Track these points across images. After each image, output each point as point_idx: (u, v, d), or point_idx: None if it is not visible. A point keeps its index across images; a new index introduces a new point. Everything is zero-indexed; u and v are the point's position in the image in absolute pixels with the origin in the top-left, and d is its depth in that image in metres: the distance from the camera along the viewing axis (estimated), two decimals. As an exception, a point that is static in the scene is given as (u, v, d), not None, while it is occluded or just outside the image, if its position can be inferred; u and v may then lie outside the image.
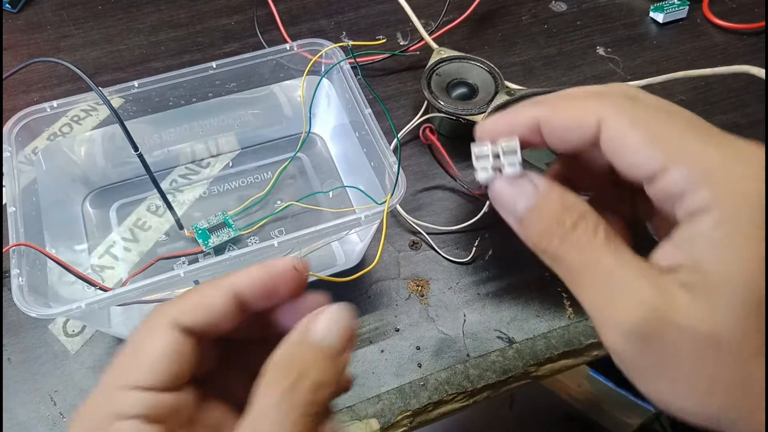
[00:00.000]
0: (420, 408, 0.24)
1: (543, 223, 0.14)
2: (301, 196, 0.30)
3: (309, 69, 0.28)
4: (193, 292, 0.15)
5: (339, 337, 0.14)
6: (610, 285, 0.13)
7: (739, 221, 0.12)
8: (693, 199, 0.12)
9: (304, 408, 0.13)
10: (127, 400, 0.13)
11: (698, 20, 0.39)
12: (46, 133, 0.27)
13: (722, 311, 0.12)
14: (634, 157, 0.13)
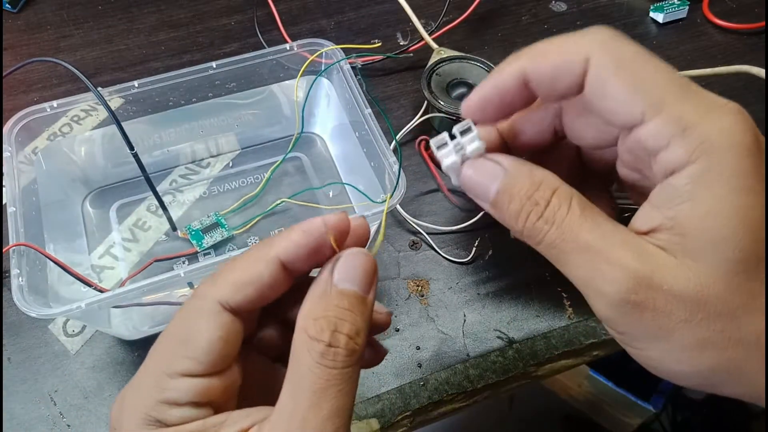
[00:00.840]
0: (420, 408, 0.24)
1: (516, 203, 0.13)
2: (308, 203, 0.30)
3: (305, 69, 0.28)
4: (237, 268, 0.14)
5: (361, 281, 0.14)
6: (592, 258, 0.13)
7: (715, 176, 0.12)
8: (669, 155, 0.12)
9: (345, 360, 0.13)
10: (178, 387, 0.13)
11: (698, 20, 0.39)
12: (46, 133, 0.27)
13: (706, 271, 0.12)
14: (614, 103, 0.12)
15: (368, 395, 0.24)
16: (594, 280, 0.13)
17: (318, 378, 0.13)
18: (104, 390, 0.24)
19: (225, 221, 0.29)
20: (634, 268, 0.12)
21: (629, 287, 0.12)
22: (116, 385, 0.25)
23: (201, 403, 0.13)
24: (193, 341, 0.14)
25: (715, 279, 0.12)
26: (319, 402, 0.13)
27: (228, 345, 0.14)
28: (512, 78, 0.14)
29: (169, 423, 0.13)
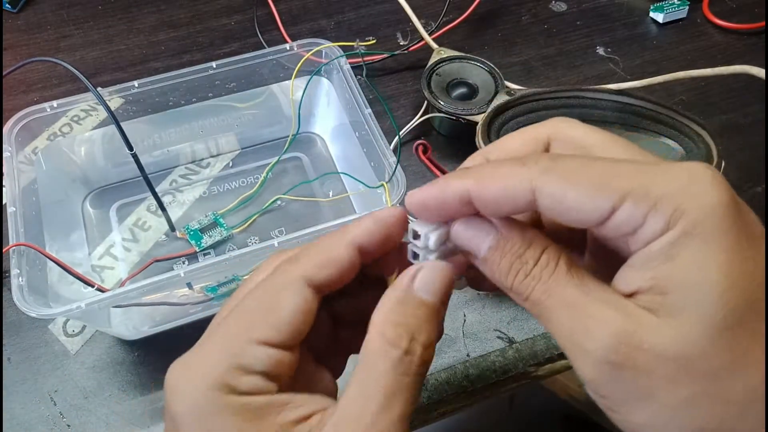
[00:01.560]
0: (420, 408, 0.24)
1: (506, 261, 0.14)
2: (301, 197, 0.30)
3: (300, 67, 0.28)
4: (319, 249, 0.15)
5: (440, 293, 0.14)
6: (576, 316, 0.13)
7: (694, 236, 0.12)
8: (646, 230, 0.12)
9: (418, 368, 0.13)
10: (255, 355, 0.13)
11: (698, 20, 0.38)
12: (46, 133, 0.27)
13: (689, 329, 0.12)
14: (578, 211, 0.13)
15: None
16: (576, 336, 0.13)
17: (392, 383, 0.13)
18: (104, 390, 0.24)
19: (223, 220, 0.29)
20: (617, 325, 0.12)
21: (612, 344, 0.12)
22: (116, 385, 0.25)
23: (271, 375, 0.14)
24: (277, 310, 0.14)
25: (699, 336, 0.12)
26: (390, 406, 0.13)
27: (305, 320, 0.14)
28: (455, 195, 0.14)
29: (239, 390, 0.13)
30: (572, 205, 0.13)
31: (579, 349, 0.13)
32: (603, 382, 0.13)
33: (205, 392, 0.13)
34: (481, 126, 0.27)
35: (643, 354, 0.12)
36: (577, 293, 0.13)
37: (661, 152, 0.27)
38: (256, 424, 0.13)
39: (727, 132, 0.33)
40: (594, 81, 0.35)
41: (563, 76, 0.35)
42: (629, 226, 0.12)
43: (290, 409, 0.13)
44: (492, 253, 0.14)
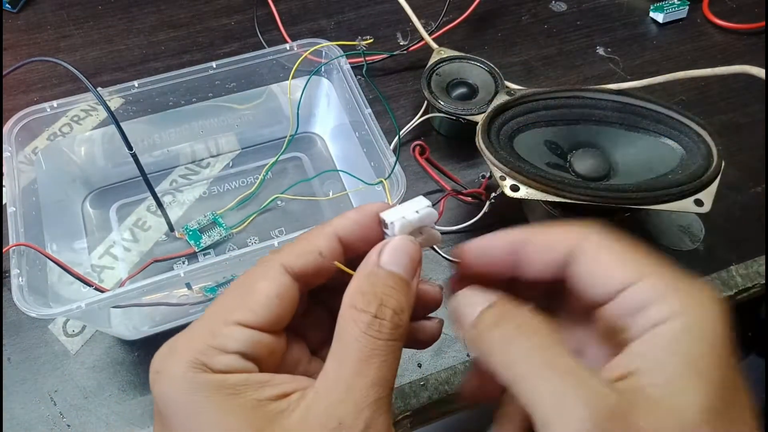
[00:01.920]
0: (420, 407, 0.24)
1: (501, 328, 0.14)
2: (301, 197, 0.30)
3: (297, 67, 0.28)
4: (301, 239, 0.16)
5: (406, 266, 0.15)
6: (568, 384, 0.13)
7: (696, 333, 0.13)
8: (658, 309, 0.13)
9: (390, 332, 0.14)
10: (230, 335, 0.14)
11: (698, 20, 0.39)
12: (46, 133, 0.27)
13: (682, 413, 0.12)
14: (605, 274, 0.14)
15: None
16: (563, 402, 0.12)
17: (364, 347, 0.13)
18: (104, 390, 0.24)
19: (222, 220, 0.29)
20: (611, 398, 0.12)
21: (601, 415, 0.12)
22: (116, 385, 0.25)
23: (248, 355, 0.14)
24: (252, 294, 0.14)
25: (689, 424, 0.12)
26: (364, 370, 0.13)
27: (284, 305, 0.15)
28: (504, 244, 0.16)
29: (215, 369, 0.13)
30: (601, 267, 0.14)
31: (567, 417, 0.12)
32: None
33: (183, 371, 0.13)
34: (481, 126, 0.27)
35: (647, 414, 0.12)
36: (570, 363, 0.13)
37: (661, 152, 0.27)
38: (233, 399, 0.13)
39: (727, 132, 0.33)
40: (594, 81, 0.35)
41: (563, 76, 0.35)
42: (641, 301, 0.14)
43: (269, 387, 0.14)
44: (487, 315, 0.14)
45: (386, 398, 0.13)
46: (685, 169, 0.25)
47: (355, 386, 0.13)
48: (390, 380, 0.14)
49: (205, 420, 0.13)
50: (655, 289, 0.14)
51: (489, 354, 0.14)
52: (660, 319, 0.13)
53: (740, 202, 0.31)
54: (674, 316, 0.13)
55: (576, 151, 0.28)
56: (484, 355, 0.14)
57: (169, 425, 0.13)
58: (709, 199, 0.24)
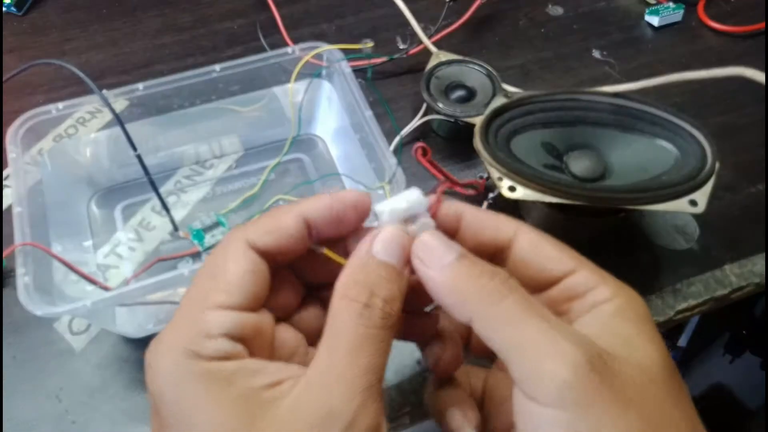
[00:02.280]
0: (419, 403, 0.25)
1: (481, 279, 0.14)
2: (301, 197, 0.30)
3: (299, 70, 0.28)
4: (266, 217, 0.16)
5: (398, 256, 0.15)
6: (557, 330, 0.13)
7: (632, 310, 0.15)
8: (597, 294, 0.15)
9: (381, 321, 0.14)
10: (212, 320, 0.14)
11: (693, 23, 0.39)
12: (51, 135, 0.27)
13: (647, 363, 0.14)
14: (549, 260, 0.16)
15: (369, 392, 0.25)
16: (556, 342, 0.13)
17: (354, 336, 0.14)
18: (109, 387, 0.25)
19: (226, 220, 0.29)
20: (593, 344, 0.14)
21: (594, 356, 0.13)
22: (121, 383, 0.25)
23: (235, 336, 0.14)
24: (223, 274, 0.14)
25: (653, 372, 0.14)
26: (355, 358, 0.13)
27: (256, 282, 0.15)
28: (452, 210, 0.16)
29: (205, 355, 0.13)
30: (545, 254, 0.16)
31: (556, 353, 0.13)
32: (577, 386, 0.13)
33: (174, 362, 0.13)
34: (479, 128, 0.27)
35: (625, 366, 0.13)
36: (552, 315, 0.14)
37: (656, 154, 0.28)
38: (225, 388, 0.13)
39: (722, 133, 0.34)
40: (590, 84, 0.36)
41: (559, 79, 0.36)
42: (584, 287, 0.15)
43: (262, 375, 0.14)
44: (460, 262, 0.15)
45: (377, 386, 0.14)
46: (680, 170, 0.26)
47: (346, 374, 0.13)
48: (381, 368, 0.14)
49: (196, 410, 0.13)
50: (592, 278, 0.15)
51: (467, 302, 0.14)
52: (599, 302, 0.15)
53: (735, 203, 0.31)
54: (610, 298, 0.15)
55: (572, 153, 0.28)
56: (456, 303, 0.14)
57: (163, 418, 0.13)
58: (704, 200, 0.25)
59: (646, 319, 0.15)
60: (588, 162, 0.28)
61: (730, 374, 0.56)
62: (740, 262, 0.29)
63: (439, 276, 0.15)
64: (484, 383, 0.18)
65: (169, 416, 0.13)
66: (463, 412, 0.16)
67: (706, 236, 0.30)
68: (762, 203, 0.31)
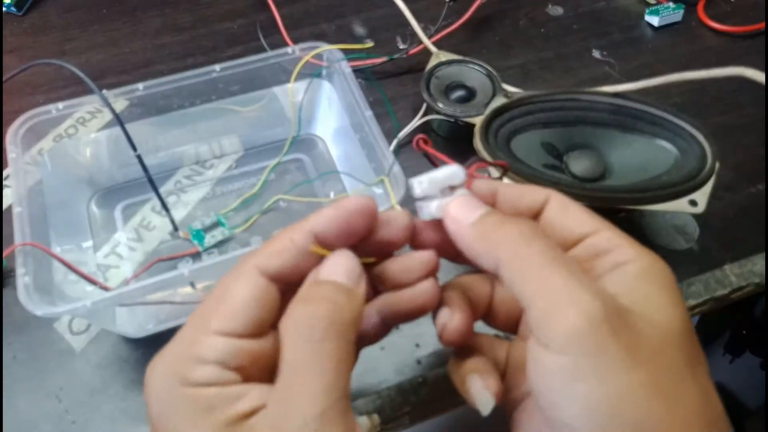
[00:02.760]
0: (419, 404, 0.25)
1: (507, 229, 0.15)
2: (303, 198, 0.30)
3: (299, 70, 0.28)
4: (276, 239, 0.16)
5: (344, 275, 0.15)
6: (579, 279, 0.14)
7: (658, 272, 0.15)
8: (620, 253, 0.15)
9: (323, 332, 0.13)
10: (209, 345, 0.14)
11: (693, 23, 0.39)
12: (51, 135, 0.27)
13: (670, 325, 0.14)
14: (575, 220, 0.16)
15: (368, 392, 0.25)
16: (577, 291, 0.13)
17: (300, 356, 0.13)
18: (109, 387, 0.25)
19: (226, 221, 0.29)
20: (612, 298, 0.14)
21: (610, 308, 0.13)
22: (121, 383, 0.25)
23: (228, 365, 0.14)
24: (229, 300, 0.14)
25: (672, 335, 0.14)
26: (303, 381, 0.13)
27: (262, 308, 0.14)
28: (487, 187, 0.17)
29: (192, 381, 0.13)
30: (572, 215, 0.16)
31: (573, 302, 0.13)
32: (592, 339, 0.13)
33: (164, 384, 0.14)
34: (479, 128, 0.27)
35: (640, 321, 0.13)
36: (576, 265, 0.14)
37: (656, 154, 0.28)
38: (205, 416, 0.13)
39: (722, 133, 0.34)
40: (590, 84, 0.36)
41: (559, 79, 0.36)
42: (606, 246, 0.15)
43: (243, 401, 0.13)
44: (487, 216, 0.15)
45: (334, 408, 0.13)
46: (680, 170, 0.26)
47: (297, 400, 0.13)
48: (337, 387, 0.13)
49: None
50: (615, 239, 0.15)
51: (493, 250, 0.15)
52: (622, 261, 0.15)
53: (735, 203, 0.31)
54: (634, 259, 0.15)
55: (572, 153, 0.28)
56: (486, 252, 0.15)
57: (154, 429, 0.14)
58: (704, 200, 0.25)
59: (671, 283, 0.15)
60: (588, 162, 0.28)
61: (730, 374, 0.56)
62: (740, 262, 0.29)
63: (468, 228, 0.15)
64: (507, 354, 0.18)
65: (158, 429, 0.14)
66: (483, 379, 0.16)
67: (706, 236, 0.30)
68: (762, 203, 0.31)
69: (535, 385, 0.14)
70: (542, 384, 0.13)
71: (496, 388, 0.16)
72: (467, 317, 0.17)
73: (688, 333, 0.14)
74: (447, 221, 0.16)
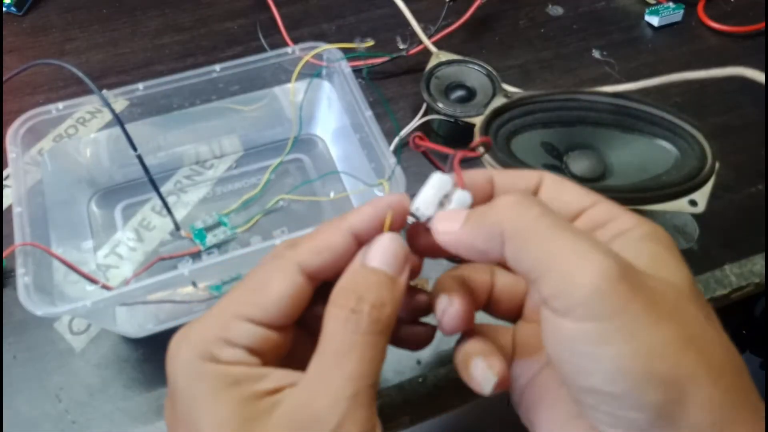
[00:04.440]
0: (419, 404, 0.25)
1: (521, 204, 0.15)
2: (304, 197, 0.30)
3: (299, 70, 0.28)
4: (316, 236, 0.16)
5: (390, 262, 0.15)
6: (591, 243, 0.13)
7: (659, 237, 0.15)
8: (619, 223, 0.15)
9: (368, 326, 0.14)
10: (239, 330, 0.14)
11: (693, 23, 0.39)
12: (51, 135, 0.27)
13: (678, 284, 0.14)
14: (572, 195, 0.16)
15: (369, 392, 0.25)
16: (588, 253, 0.13)
17: (341, 342, 0.14)
18: (109, 387, 0.25)
19: (227, 220, 0.29)
20: (625, 260, 0.14)
21: (624, 265, 0.13)
22: (121, 382, 0.25)
23: (255, 350, 0.14)
24: (265, 292, 0.15)
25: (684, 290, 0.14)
26: (342, 364, 0.14)
27: (294, 305, 0.15)
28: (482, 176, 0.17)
29: (221, 360, 0.14)
30: (568, 192, 0.16)
31: (588, 262, 0.13)
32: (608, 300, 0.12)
33: (192, 359, 0.14)
34: (479, 128, 0.27)
35: (654, 281, 0.13)
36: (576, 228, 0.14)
37: (656, 154, 0.28)
38: (230, 390, 0.14)
39: (721, 133, 0.34)
40: (590, 84, 0.36)
41: (559, 79, 0.36)
42: (605, 217, 0.15)
43: (266, 381, 0.14)
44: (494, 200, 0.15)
45: (365, 393, 0.13)
46: (680, 170, 0.26)
47: (332, 380, 0.13)
48: (370, 375, 0.14)
49: (200, 405, 0.14)
50: (611, 211, 0.15)
51: (494, 232, 0.14)
52: (625, 229, 0.15)
53: (735, 203, 0.31)
54: (636, 226, 0.15)
55: (572, 153, 0.28)
56: (488, 239, 0.15)
57: (174, 404, 0.14)
58: (704, 200, 0.25)
59: (673, 246, 0.15)
60: (588, 162, 0.28)
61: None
62: (740, 262, 0.29)
63: (461, 233, 0.15)
64: (513, 338, 0.18)
65: (180, 404, 0.14)
66: (487, 361, 0.16)
67: (706, 236, 0.30)
68: (762, 203, 0.31)
69: (556, 356, 0.14)
70: (565, 353, 0.13)
71: (500, 368, 0.16)
72: (467, 303, 0.17)
73: (697, 291, 0.14)
74: (439, 239, 0.16)
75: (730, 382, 0.13)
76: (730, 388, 0.13)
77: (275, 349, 0.15)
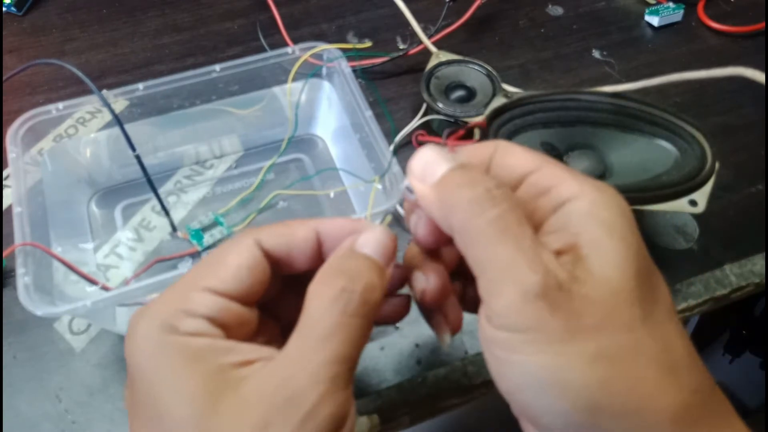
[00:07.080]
0: (419, 404, 0.25)
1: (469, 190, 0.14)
2: (301, 191, 0.30)
3: (296, 69, 0.28)
4: (281, 223, 0.16)
5: (380, 253, 0.15)
6: (523, 247, 0.13)
7: (606, 202, 0.14)
8: (563, 190, 0.15)
9: (357, 308, 0.14)
10: (199, 300, 0.14)
11: (693, 23, 0.39)
12: (51, 135, 0.27)
13: (615, 282, 0.13)
14: (517, 160, 0.16)
15: (368, 392, 0.25)
16: (516, 267, 0.13)
17: (327, 322, 0.14)
18: (109, 387, 0.25)
19: (223, 220, 0.29)
20: (557, 269, 0.13)
21: (550, 283, 0.13)
22: (121, 382, 0.25)
23: (216, 320, 0.14)
24: (224, 264, 0.15)
25: (623, 290, 0.13)
26: (326, 344, 0.13)
27: (254, 277, 0.15)
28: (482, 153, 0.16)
29: (181, 330, 0.14)
30: (513, 154, 0.16)
31: (514, 280, 0.13)
32: (528, 316, 0.13)
33: (152, 332, 0.14)
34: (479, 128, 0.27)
35: (578, 299, 0.13)
36: (528, 234, 0.14)
37: (656, 154, 0.28)
38: (194, 363, 0.13)
39: (721, 133, 0.34)
40: (590, 84, 0.36)
41: (559, 79, 0.36)
42: (548, 182, 0.15)
43: (233, 354, 0.14)
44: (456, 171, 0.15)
45: (345, 375, 0.13)
46: (680, 170, 0.26)
47: (314, 360, 0.13)
48: (352, 358, 0.14)
49: (162, 381, 0.13)
50: (555, 176, 0.15)
51: (450, 214, 0.14)
52: (565, 198, 0.14)
53: (735, 203, 0.31)
54: (578, 196, 0.14)
55: (572, 153, 0.28)
56: (444, 214, 0.14)
57: (134, 384, 0.14)
58: (704, 200, 0.25)
59: (618, 217, 0.14)
60: (588, 162, 0.28)
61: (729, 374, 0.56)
62: (740, 262, 0.29)
63: (429, 189, 0.15)
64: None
65: (140, 382, 0.14)
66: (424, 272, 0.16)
67: (706, 236, 0.30)
68: (762, 203, 0.31)
69: (483, 352, 0.14)
70: (486, 352, 0.14)
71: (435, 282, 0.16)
72: (442, 275, 0.17)
73: (644, 272, 0.13)
74: (411, 182, 0.15)
75: (650, 389, 0.13)
76: (645, 395, 0.13)
77: (239, 325, 0.15)
